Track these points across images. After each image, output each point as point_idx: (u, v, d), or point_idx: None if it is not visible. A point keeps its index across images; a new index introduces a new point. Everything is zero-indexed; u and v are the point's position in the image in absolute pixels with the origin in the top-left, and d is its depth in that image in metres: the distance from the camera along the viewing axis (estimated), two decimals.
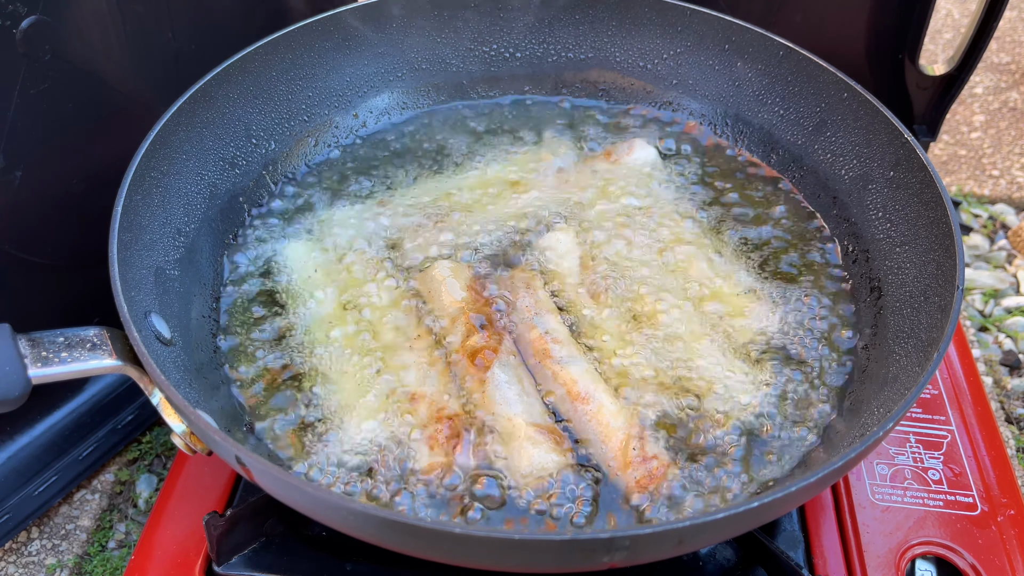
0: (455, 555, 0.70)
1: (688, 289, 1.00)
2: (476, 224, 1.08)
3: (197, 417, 0.70)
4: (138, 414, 1.20)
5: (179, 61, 1.12)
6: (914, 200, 0.97)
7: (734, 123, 1.21)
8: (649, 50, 1.25)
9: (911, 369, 0.84)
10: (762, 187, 1.15)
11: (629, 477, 0.83)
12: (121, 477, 1.21)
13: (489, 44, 1.28)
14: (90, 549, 1.14)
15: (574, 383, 0.89)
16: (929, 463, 1.00)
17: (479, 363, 0.90)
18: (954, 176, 1.78)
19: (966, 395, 1.08)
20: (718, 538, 0.84)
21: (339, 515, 0.68)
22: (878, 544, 0.93)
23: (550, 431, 0.86)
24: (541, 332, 0.93)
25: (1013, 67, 2.07)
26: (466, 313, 0.95)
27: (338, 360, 0.93)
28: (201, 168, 1.04)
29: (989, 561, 0.92)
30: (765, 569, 0.90)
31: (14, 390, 0.73)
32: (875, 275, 1.00)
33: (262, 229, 1.08)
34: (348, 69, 1.21)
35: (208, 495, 0.98)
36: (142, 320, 0.83)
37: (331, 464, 0.84)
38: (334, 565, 0.90)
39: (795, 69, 1.14)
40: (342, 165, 1.18)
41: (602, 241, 1.06)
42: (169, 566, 0.92)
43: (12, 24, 0.89)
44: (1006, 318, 1.49)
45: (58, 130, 0.99)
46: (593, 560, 0.66)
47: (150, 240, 0.92)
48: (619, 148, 1.18)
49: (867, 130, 1.05)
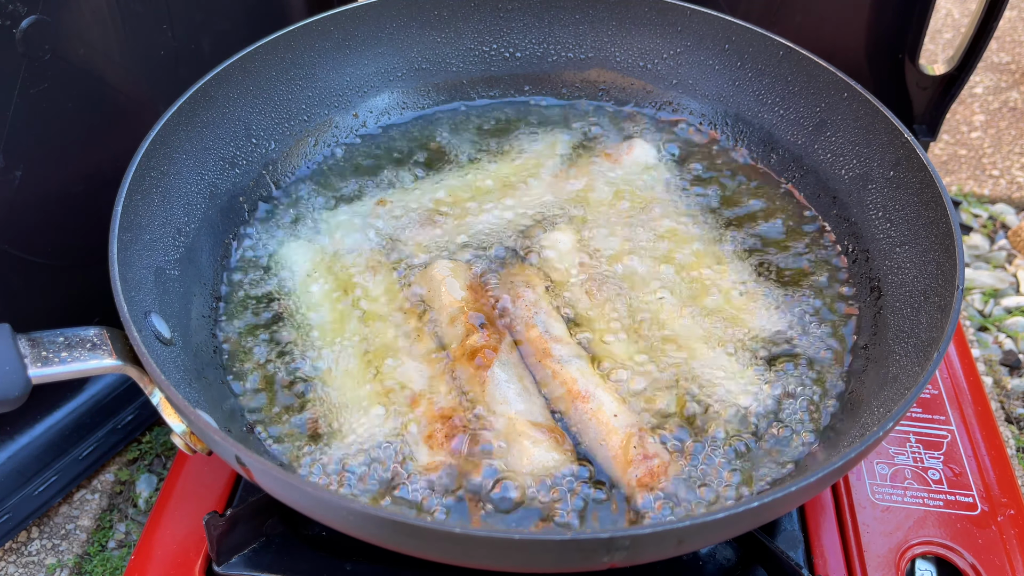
0: (455, 555, 0.70)
1: (688, 288, 1.00)
2: (476, 223, 1.08)
3: (197, 417, 0.70)
4: (138, 414, 1.20)
5: (179, 61, 1.12)
6: (914, 200, 0.97)
7: (734, 123, 1.21)
8: (649, 50, 1.25)
9: (911, 369, 0.84)
10: (762, 187, 1.15)
11: (629, 476, 0.83)
12: (121, 477, 1.21)
13: (489, 44, 1.28)
14: (90, 549, 1.14)
15: (574, 382, 0.89)
16: (929, 463, 1.00)
17: (479, 362, 0.90)
18: (954, 176, 1.78)
19: (966, 395, 1.08)
20: (718, 538, 0.84)
21: (339, 515, 0.68)
22: (878, 544, 0.93)
23: (550, 430, 0.86)
24: (541, 331, 0.93)
25: (1013, 67, 2.07)
26: (466, 312, 0.95)
27: (338, 359, 0.93)
28: (201, 168, 1.04)
29: (989, 561, 0.92)
30: (765, 569, 0.90)
31: (14, 390, 0.73)
32: (875, 275, 1.00)
33: (262, 229, 1.08)
34: (348, 69, 1.21)
35: (208, 495, 0.98)
36: (142, 320, 0.83)
37: (331, 464, 0.84)
38: (334, 565, 0.90)
39: (795, 69, 1.14)
40: (342, 165, 1.18)
41: (602, 240, 1.06)
42: (169, 566, 0.92)
43: (12, 24, 0.89)
44: (1006, 318, 1.49)
45: (58, 130, 0.99)
46: (593, 560, 0.66)
47: (150, 240, 0.92)
48: (619, 148, 1.18)
49: (867, 130, 1.05)
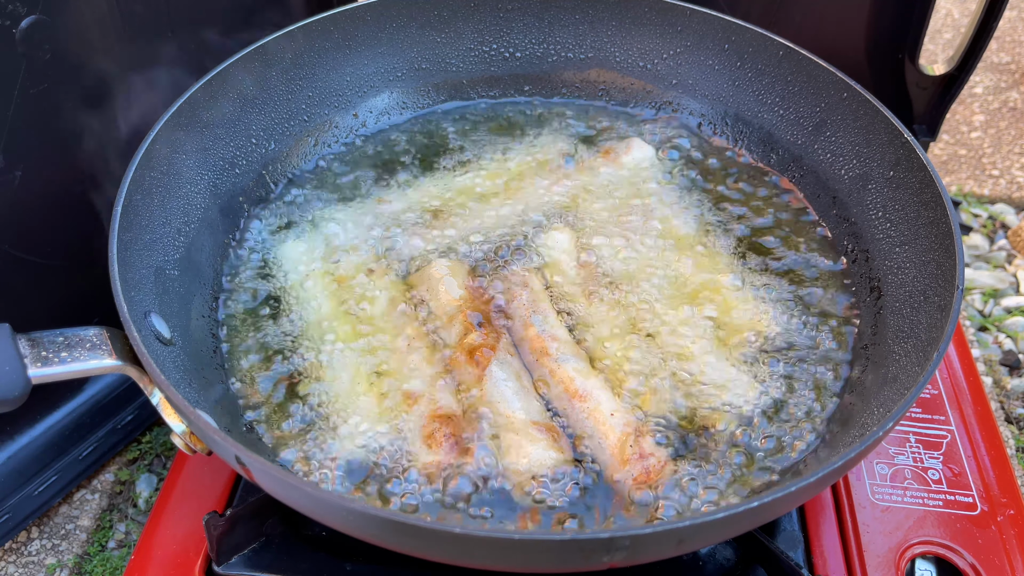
0: (455, 555, 0.70)
1: (686, 288, 1.00)
2: (474, 223, 1.08)
3: (197, 417, 0.70)
4: (138, 414, 1.20)
5: (179, 61, 1.12)
6: (914, 200, 0.97)
7: (734, 123, 1.21)
8: (649, 50, 1.25)
9: (911, 369, 0.84)
10: (761, 187, 1.14)
11: (627, 474, 0.83)
12: (121, 477, 1.21)
13: (489, 44, 1.28)
14: (90, 549, 1.14)
15: (572, 381, 0.89)
16: (929, 463, 1.00)
17: (477, 361, 0.90)
18: (954, 176, 1.78)
19: (966, 395, 1.08)
20: (718, 538, 0.84)
21: (339, 515, 0.68)
22: (878, 544, 0.93)
23: (548, 428, 0.86)
24: (539, 330, 0.93)
25: (1013, 67, 2.07)
26: (464, 311, 0.95)
27: (337, 359, 0.93)
28: (201, 168, 1.04)
29: (989, 561, 0.92)
30: (765, 569, 0.90)
31: (14, 390, 0.73)
32: (875, 275, 0.99)
33: (262, 229, 1.08)
34: (348, 69, 1.21)
35: (208, 495, 0.98)
36: (142, 320, 0.83)
37: (331, 464, 0.84)
38: (334, 565, 0.90)
39: (795, 69, 1.14)
40: (342, 165, 1.18)
41: (600, 240, 1.06)
42: (169, 566, 0.92)
43: (12, 24, 0.89)
44: (1006, 318, 1.49)
45: (58, 130, 0.99)
46: (593, 560, 0.66)
47: (150, 240, 0.92)
48: (617, 147, 1.18)
49: (867, 130, 1.05)
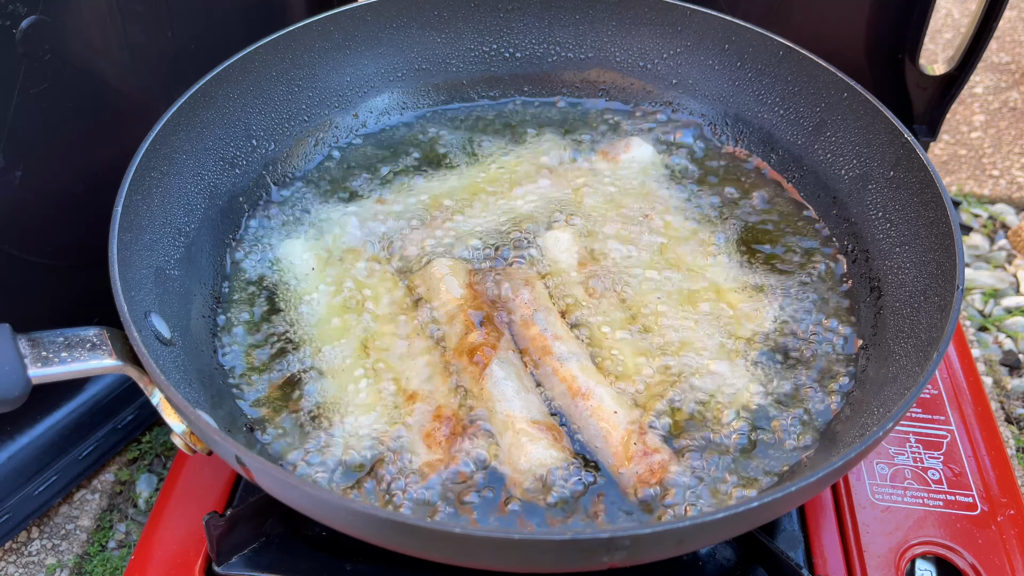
0: (455, 555, 0.70)
1: (686, 287, 1.00)
2: (475, 222, 1.08)
3: (197, 417, 0.70)
4: (138, 414, 1.20)
5: (179, 61, 1.12)
6: (914, 200, 0.97)
7: (734, 123, 1.21)
8: (649, 50, 1.25)
9: (911, 369, 0.84)
10: (761, 187, 1.14)
11: (630, 472, 0.83)
12: (121, 477, 1.21)
13: (489, 44, 1.28)
14: (90, 549, 1.14)
15: (574, 379, 0.89)
16: (929, 463, 1.00)
17: (477, 360, 0.90)
18: (954, 176, 1.78)
19: (966, 395, 1.08)
20: (718, 538, 0.84)
21: (339, 515, 0.68)
22: (878, 544, 0.93)
23: (549, 427, 0.86)
24: (540, 329, 0.93)
25: (1013, 67, 2.07)
26: (465, 310, 0.95)
27: (337, 359, 0.93)
28: (201, 168, 1.04)
29: (989, 561, 0.92)
30: (765, 569, 0.90)
31: (14, 390, 0.73)
32: (875, 275, 0.99)
33: (262, 229, 1.08)
34: (348, 69, 1.21)
35: (208, 495, 0.98)
36: (142, 320, 0.83)
37: (331, 464, 0.84)
38: (334, 565, 0.90)
39: (795, 69, 1.14)
40: (342, 165, 1.18)
41: (600, 239, 1.06)
42: (169, 566, 0.92)
43: (12, 24, 0.89)
44: (1006, 318, 1.49)
45: (58, 130, 0.99)
46: (593, 560, 0.66)
47: (150, 240, 0.92)
48: (616, 146, 1.18)
49: (867, 130, 1.05)
